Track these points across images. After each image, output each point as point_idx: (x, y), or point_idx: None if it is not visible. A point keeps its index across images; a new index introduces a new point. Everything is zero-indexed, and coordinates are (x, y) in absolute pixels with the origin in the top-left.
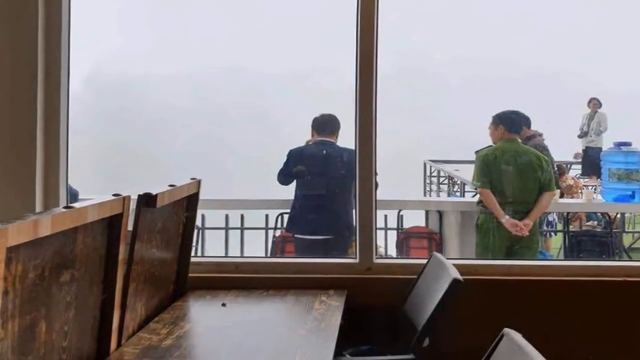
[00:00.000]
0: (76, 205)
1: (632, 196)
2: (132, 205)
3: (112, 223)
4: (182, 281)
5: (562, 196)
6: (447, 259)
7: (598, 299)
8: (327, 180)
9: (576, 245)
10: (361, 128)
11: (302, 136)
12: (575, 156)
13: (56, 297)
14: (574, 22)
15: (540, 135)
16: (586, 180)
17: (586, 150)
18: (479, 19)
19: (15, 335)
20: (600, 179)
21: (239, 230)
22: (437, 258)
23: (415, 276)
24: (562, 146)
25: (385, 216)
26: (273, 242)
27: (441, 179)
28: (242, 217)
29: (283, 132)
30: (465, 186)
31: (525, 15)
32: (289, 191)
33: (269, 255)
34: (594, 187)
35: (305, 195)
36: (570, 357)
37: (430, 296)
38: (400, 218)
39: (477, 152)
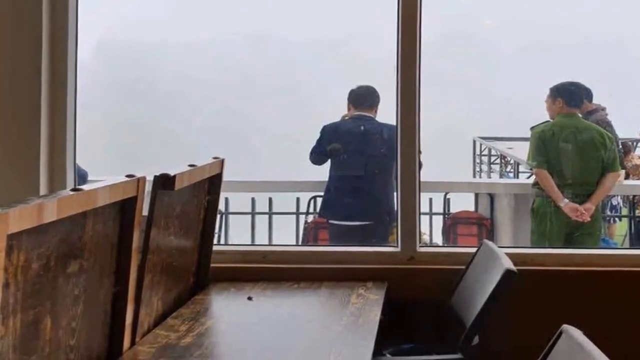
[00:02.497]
0: (85, 187)
1: None
2: (148, 188)
3: (125, 207)
4: (203, 272)
5: (627, 177)
6: (499, 247)
7: None
8: (365, 160)
9: None
10: (403, 101)
11: (337, 110)
12: None
13: (63, 290)
14: None
15: (603, 109)
16: None
17: None
18: None
19: (17, 333)
20: None
21: (267, 216)
22: (488, 246)
23: (463, 267)
24: (628, 121)
25: (430, 199)
26: (305, 228)
27: (492, 158)
28: (270, 200)
29: (316, 106)
30: (520, 166)
31: None
32: (322, 172)
33: (300, 243)
34: None
35: (341, 177)
36: (635, 356)
37: (480, 289)
38: (446, 202)
39: (532, 128)
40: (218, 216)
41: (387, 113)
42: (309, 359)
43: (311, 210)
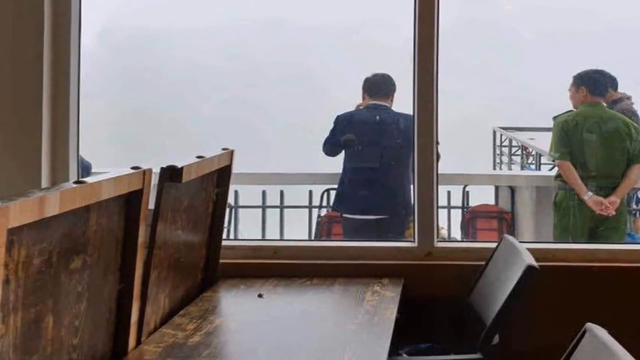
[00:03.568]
0: (89, 179)
1: None
2: (154, 180)
3: (131, 201)
4: (211, 268)
5: None
6: (520, 242)
7: None
8: (381, 151)
9: None
10: (420, 90)
11: (351, 99)
12: None
13: (65, 287)
14: None
15: (629, 98)
16: None
17: None
18: None
19: (18, 331)
20: None
21: (278, 209)
22: (509, 241)
23: (482, 262)
24: None
25: (448, 192)
26: (318, 222)
27: (513, 150)
28: (281, 193)
29: (329, 94)
30: (542, 158)
31: None
32: (336, 164)
33: (312, 238)
34: None
35: (356, 169)
36: None
37: (501, 286)
38: (465, 195)
39: (555, 118)
40: (227, 210)
41: (403, 102)
42: (322, 359)
43: (324, 203)
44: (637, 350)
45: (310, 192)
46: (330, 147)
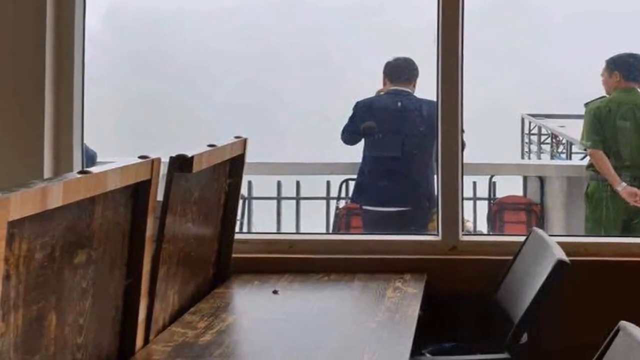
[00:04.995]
0: (94, 169)
1: None
2: (163, 170)
3: (138, 192)
4: (224, 263)
5: None
6: (550, 235)
7: None
8: (403, 139)
9: None
10: (444, 75)
11: (371, 85)
12: None
13: (69, 283)
14: None
15: None
16: None
17: None
18: None
19: (19, 330)
20: None
21: (294, 201)
22: (538, 235)
23: (510, 257)
24: None
25: (474, 183)
26: (336, 215)
27: (543, 138)
28: (297, 184)
29: (348, 79)
30: (573, 146)
31: None
32: (355, 153)
33: (330, 231)
34: None
35: (376, 158)
36: None
37: (530, 282)
38: (492, 185)
39: (587, 104)
40: (240, 201)
41: (426, 88)
42: (341, 359)
43: (343, 194)
44: None
45: (328, 182)
46: (349, 135)
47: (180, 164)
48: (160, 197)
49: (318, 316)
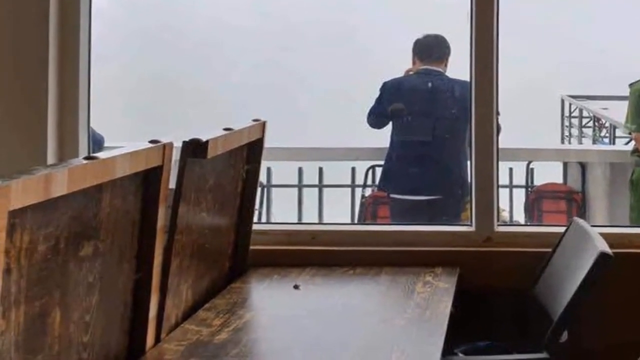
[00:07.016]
0: (101, 155)
1: None
2: (175, 156)
3: (149, 179)
4: (241, 256)
5: None
6: (592, 226)
7: None
8: (434, 123)
9: None
10: (478, 53)
11: (399, 64)
12: None
13: (74, 277)
14: None
15: None
16: None
17: None
18: None
19: (21, 327)
20: None
21: (317, 189)
22: (579, 225)
23: (549, 249)
24: None
25: (510, 170)
26: (362, 203)
27: (584, 121)
28: (320, 170)
29: (374, 58)
30: (616, 130)
31: None
32: (382, 137)
33: (355, 221)
34: None
35: (405, 142)
36: None
37: (570, 276)
38: (530, 172)
39: (631, 85)
40: (259, 189)
41: (459, 67)
42: (367, 359)
43: (369, 182)
44: None
45: (353, 169)
46: (376, 118)
47: (194, 148)
48: (172, 184)
49: (342, 313)
